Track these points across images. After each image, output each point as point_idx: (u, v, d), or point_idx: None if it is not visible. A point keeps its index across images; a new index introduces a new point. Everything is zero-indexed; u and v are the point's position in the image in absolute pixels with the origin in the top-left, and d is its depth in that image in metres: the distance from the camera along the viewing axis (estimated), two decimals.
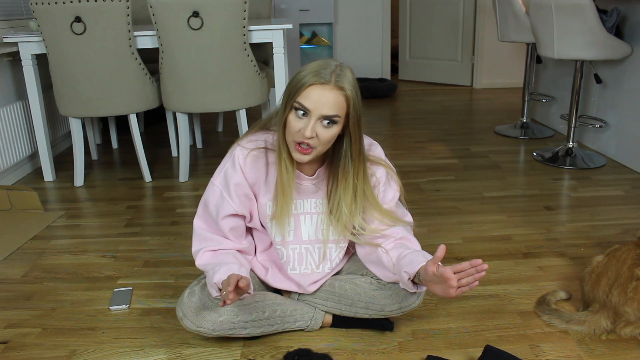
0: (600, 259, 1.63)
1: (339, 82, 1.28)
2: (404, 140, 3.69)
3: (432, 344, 1.54)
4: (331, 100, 1.27)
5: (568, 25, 2.80)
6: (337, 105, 1.29)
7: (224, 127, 4.08)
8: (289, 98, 1.31)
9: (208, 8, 2.56)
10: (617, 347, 1.50)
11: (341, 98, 1.29)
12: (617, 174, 2.91)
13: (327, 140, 1.32)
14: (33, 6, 2.57)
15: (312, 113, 1.28)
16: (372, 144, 1.50)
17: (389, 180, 1.49)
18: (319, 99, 1.27)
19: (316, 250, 1.53)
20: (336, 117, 1.29)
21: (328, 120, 1.29)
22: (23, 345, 1.58)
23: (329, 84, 1.27)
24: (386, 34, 5.58)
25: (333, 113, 1.28)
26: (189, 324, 1.45)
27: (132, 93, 2.79)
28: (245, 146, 1.44)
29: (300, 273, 1.54)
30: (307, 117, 1.29)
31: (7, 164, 2.90)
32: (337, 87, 1.28)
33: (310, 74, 1.28)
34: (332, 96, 1.27)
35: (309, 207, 1.49)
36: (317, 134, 1.30)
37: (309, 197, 1.48)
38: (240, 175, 1.43)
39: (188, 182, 2.97)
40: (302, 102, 1.28)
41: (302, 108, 1.28)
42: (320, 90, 1.27)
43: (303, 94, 1.28)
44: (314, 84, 1.27)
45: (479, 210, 2.48)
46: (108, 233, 2.35)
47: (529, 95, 3.86)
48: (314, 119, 1.28)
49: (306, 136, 1.28)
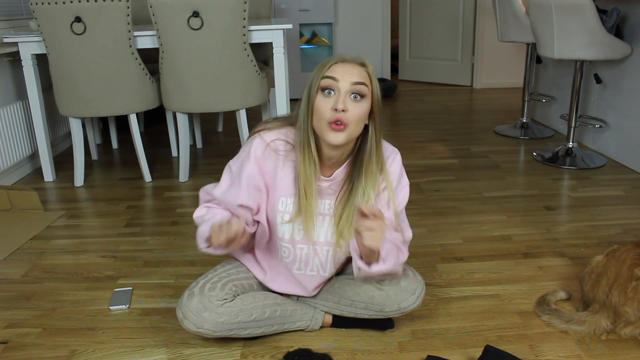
0: (600, 259, 1.63)
1: (360, 59, 1.34)
2: (404, 140, 3.69)
3: (432, 344, 1.54)
4: (356, 72, 1.32)
5: (568, 25, 2.80)
6: (363, 76, 1.33)
7: (224, 127, 4.08)
8: (312, 85, 1.33)
9: (208, 8, 2.56)
10: (617, 347, 1.50)
11: (364, 72, 1.33)
12: (617, 174, 2.91)
13: (358, 117, 1.32)
14: (33, 6, 2.57)
15: (340, 84, 1.30)
16: (394, 150, 1.50)
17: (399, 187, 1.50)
18: (344, 70, 1.31)
19: (324, 252, 1.50)
20: (363, 86, 1.32)
21: (356, 92, 1.31)
22: (23, 345, 1.58)
23: (351, 61, 1.34)
24: (386, 34, 5.58)
25: (361, 80, 1.32)
26: (189, 325, 1.44)
27: (132, 93, 2.80)
28: (264, 138, 1.42)
29: (305, 274, 1.54)
30: (335, 93, 1.31)
31: (7, 164, 2.90)
32: (360, 64, 1.34)
33: (329, 60, 1.34)
34: (356, 69, 1.33)
35: (322, 209, 1.47)
36: (349, 109, 1.31)
37: (323, 197, 1.47)
38: (254, 166, 1.42)
39: (188, 182, 2.97)
40: (329, 74, 1.31)
41: (330, 79, 1.31)
42: (344, 65, 1.33)
43: (328, 71, 1.32)
44: (336, 62, 1.33)
45: (479, 210, 2.48)
46: (108, 233, 2.35)
47: (529, 95, 3.86)
48: (343, 92, 1.30)
49: (339, 107, 1.28)
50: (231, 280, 1.51)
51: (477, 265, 1.98)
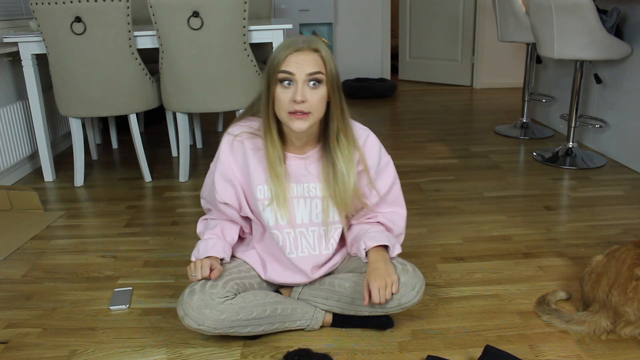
0: (600, 259, 1.63)
1: (313, 45, 1.37)
2: (404, 140, 3.69)
3: (432, 344, 1.54)
4: (311, 60, 1.36)
5: (568, 25, 2.80)
6: (318, 64, 1.36)
7: (224, 127, 4.06)
8: (270, 76, 1.38)
9: (208, 8, 2.56)
10: (617, 347, 1.50)
11: (318, 58, 1.37)
12: (617, 174, 2.91)
13: (318, 103, 1.38)
14: (33, 6, 2.57)
15: (297, 76, 1.35)
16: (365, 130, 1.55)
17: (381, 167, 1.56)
18: (298, 62, 1.35)
19: (310, 233, 1.54)
20: (319, 74, 1.36)
21: (313, 80, 1.36)
22: (23, 345, 1.58)
23: (304, 49, 1.36)
24: (386, 34, 5.58)
25: (316, 70, 1.35)
26: (190, 322, 1.45)
27: (132, 93, 2.79)
28: (231, 133, 1.52)
29: (298, 256, 1.55)
30: (293, 84, 1.35)
31: (7, 164, 2.90)
32: (312, 50, 1.37)
33: (283, 48, 1.37)
34: (310, 57, 1.36)
35: (301, 191, 1.52)
36: (308, 98, 1.35)
37: (300, 181, 1.51)
38: (225, 162, 1.51)
39: (188, 182, 2.97)
40: (285, 68, 1.35)
41: (286, 74, 1.35)
42: (298, 55, 1.35)
43: (283, 65, 1.35)
44: (291, 53, 1.35)
45: (479, 210, 2.48)
46: (108, 233, 2.35)
47: (529, 95, 3.86)
48: (300, 83, 1.35)
49: (297, 99, 1.33)
50: (233, 278, 1.51)
51: (477, 265, 1.98)
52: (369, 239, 1.53)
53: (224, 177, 1.52)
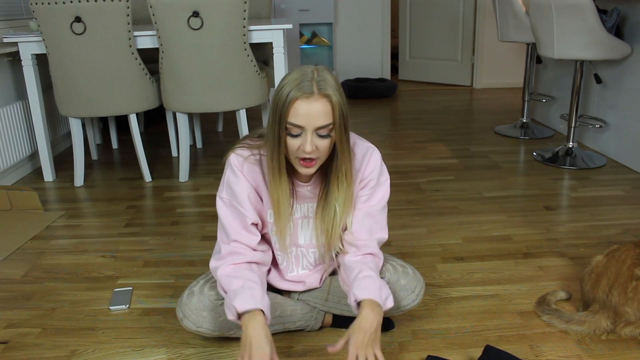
0: (600, 259, 1.63)
1: (322, 89, 1.26)
2: (404, 140, 3.69)
3: (432, 344, 1.54)
4: (320, 111, 1.26)
5: (568, 25, 2.80)
6: (327, 114, 1.28)
7: (224, 127, 4.08)
8: (279, 119, 1.29)
9: (208, 8, 2.56)
10: (617, 347, 1.50)
11: (328, 106, 1.27)
12: (617, 174, 2.91)
13: (327, 149, 1.32)
14: (33, 6, 2.57)
15: (306, 129, 1.27)
16: (370, 147, 1.48)
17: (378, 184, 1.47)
18: (308, 113, 1.26)
19: (311, 254, 1.53)
20: (329, 125, 1.28)
21: (322, 131, 1.29)
22: (23, 345, 1.58)
23: (314, 95, 1.26)
24: (386, 34, 5.58)
25: (325, 123, 1.28)
26: (189, 324, 1.45)
27: (132, 93, 2.79)
28: (240, 153, 1.42)
29: (298, 274, 1.55)
30: (302, 133, 1.28)
31: (7, 164, 2.90)
32: (322, 96, 1.27)
33: (292, 88, 1.26)
34: (319, 106, 1.26)
35: (306, 211, 1.49)
36: (317, 146, 1.30)
37: (305, 201, 1.48)
38: (244, 179, 1.41)
39: (188, 182, 2.97)
40: (293, 121, 1.27)
41: (296, 127, 1.28)
42: (307, 104, 1.26)
43: (292, 113, 1.26)
44: (299, 98, 1.25)
45: (479, 210, 2.48)
46: (108, 233, 2.35)
47: (529, 95, 3.86)
48: (309, 134, 1.28)
49: (307, 151, 1.28)
50: None
51: (477, 265, 1.98)
52: (360, 289, 1.36)
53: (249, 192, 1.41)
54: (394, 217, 2.39)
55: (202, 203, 2.66)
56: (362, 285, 1.36)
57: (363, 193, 1.46)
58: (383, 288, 1.37)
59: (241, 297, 1.30)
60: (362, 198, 1.46)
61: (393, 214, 2.41)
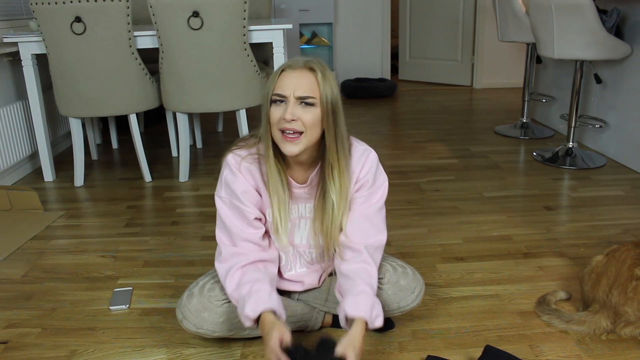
0: (600, 259, 1.63)
1: (309, 64, 1.31)
2: (404, 140, 3.69)
3: (432, 344, 1.54)
4: (304, 83, 1.29)
5: (568, 25, 2.80)
6: (311, 88, 1.30)
7: (224, 127, 4.08)
8: (267, 94, 1.33)
9: (208, 8, 2.56)
10: (617, 347, 1.50)
11: (312, 80, 1.30)
12: (617, 174, 2.91)
13: (311, 123, 1.31)
14: (33, 6, 2.57)
15: (288, 97, 1.30)
16: (367, 149, 1.46)
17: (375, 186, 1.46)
18: (290, 82, 1.29)
19: (307, 254, 1.53)
20: (310, 99, 1.30)
21: (304, 102, 1.30)
22: (23, 345, 1.58)
23: (299, 66, 1.31)
24: (386, 34, 5.58)
25: (306, 94, 1.29)
26: (189, 325, 1.45)
27: (132, 93, 2.79)
28: (237, 153, 1.42)
29: (296, 272, 1.55)
30: (284, 103, 1.30)
31: (7, 164, 2.90)
32: (307, 69, 1.31)
33: (280, 67, 1.33)
34: (303, 78, 1.30)
35: (304, 212, 1.48)
36: (300, 117, 1.30)
37: (303, 202, 1.47)
38: (242, 177, 1.41)
39: (188, 182, 2.97)
40: (276, 91, 1.31)
41: (278, 96, 1.30)
42: (291, 73, 1.30)
43: (277, 85, 1.31)
44: (285, 69, 1.32)
45: (479, 210, 2.48)
46: (108, 233, 2.35)
47: (529, 95, 3.86)
48: (291, 103, 1.29)
49: (287, 118, 1.28)
50: None
51: (477, 265, 1.98)
52: (352, 305, 1.33)
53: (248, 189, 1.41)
54: (394, 217, 2.39)
55: (202, 203, 2.66)
56: (354, 302, 1.33)
57: (359, 195, 1.45)
58: (375, 307, 1.35)
59: (249, 305, 1.31)
60: (358, 200, 1.45)
61: (393, 214, 2.41)
